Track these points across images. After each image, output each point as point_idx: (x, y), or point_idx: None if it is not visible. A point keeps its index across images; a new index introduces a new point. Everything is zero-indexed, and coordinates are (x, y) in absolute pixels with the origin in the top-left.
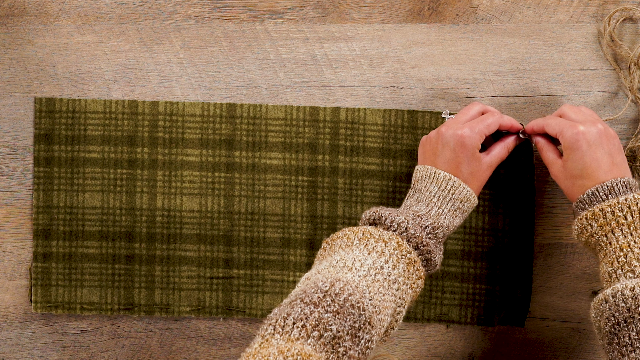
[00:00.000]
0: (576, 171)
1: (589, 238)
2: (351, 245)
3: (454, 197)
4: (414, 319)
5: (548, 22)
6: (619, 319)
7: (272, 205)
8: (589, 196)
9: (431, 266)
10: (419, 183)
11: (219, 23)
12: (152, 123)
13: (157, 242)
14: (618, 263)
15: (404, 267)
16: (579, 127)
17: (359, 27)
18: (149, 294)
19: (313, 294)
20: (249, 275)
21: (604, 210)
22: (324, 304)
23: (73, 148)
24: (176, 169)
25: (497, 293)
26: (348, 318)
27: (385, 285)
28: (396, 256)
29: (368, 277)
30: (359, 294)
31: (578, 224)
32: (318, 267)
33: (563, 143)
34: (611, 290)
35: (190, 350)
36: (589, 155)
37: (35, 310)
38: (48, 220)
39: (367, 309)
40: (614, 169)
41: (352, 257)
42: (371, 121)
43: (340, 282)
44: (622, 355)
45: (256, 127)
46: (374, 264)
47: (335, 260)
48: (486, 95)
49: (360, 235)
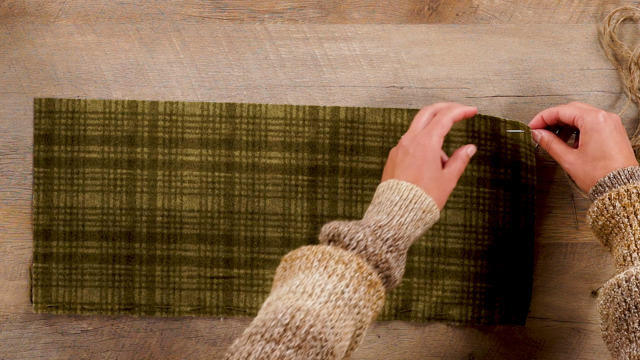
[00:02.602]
0: (599, 152)
1: (608, 220)
2: (310, 267)
3: (416, 207)
4: (414, 318)
5: (548, 22)
6: (630, 304)
7: (272, 205)
8: (610, 179)
9: (391, 283)
10: (380, 197)
11: (219, 23)
12: (152, 123)
13: (157, 242)
14: (635, 246)
15: (364, 289)
16: (600, 112)
17: (359, 27)
18: (150, 294)
19: (273, 329)
20: (249, 275)
21: (630, 191)
22: (284, 339)
23: (73, 148)
24: (176, 168)
25: (498, 292)
26: (310, 352)
27: (346, 310)
28: (357, 279)
29: (329, 304)
30: (321, 324)
31: (599, 204)
32: (278, 292)
33: (584, 126)
34: (625, 274)
35: (190, 350)
36: (612, 138)
37: (36, 310)
38: (48, 220)
39: (329, 339)
40: (631, 158)
41: (312, 282)
42: (371, 120)
43: (301, 312)
44: (630, 342)
45: (256, 126)
46: (334, 288)
47: (294, 285)
48: (486, 95)
49: (319, 257)
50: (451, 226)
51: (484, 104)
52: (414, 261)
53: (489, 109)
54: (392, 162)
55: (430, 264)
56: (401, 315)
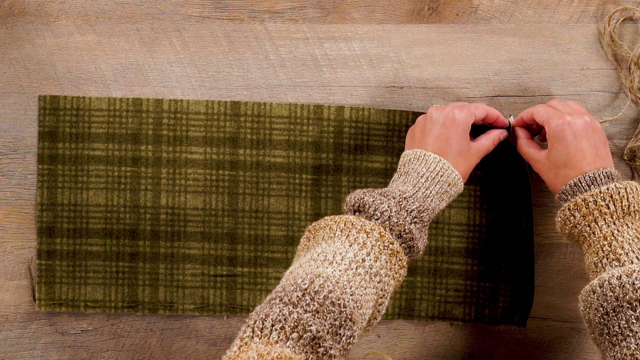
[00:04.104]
0: (560, 161)
1: (572, 229)
2: (333, 236)
3: (442, 180)
4: (417, 317)
5: (548, 22)
6: (608, 308)
7: (276, 203)
8: (571, 187)
9: (414, 253)
10: (407, 166)
11: (219, 23)
12: (157, 121)
13: (161, 240)
14: (603, 252)
15: (386, 258)
16: (565, 117)
17: (359, 27)
18: (153, 292)
19: (292, 293)
20: (252, 273)
21: (587, 200)
22: (302, 303)
23: (77, 146)
24: (180, 166)
25: (501, 291)
26: (328, 316)
27: (366, 278)
28: (378, 248)
29: (349, 271)
30: (340, 290)
31: (561, 215)
32: (300, 261)
33: (548, 132)
34: (598, 281)
35: (190, 350)
36: (574, 145)
37: (39, 307)
38: (52, 217)
39: (348, 305)
40: (598, 160)
41: (334, 250)
42: (375, 120)
43: (320, 278)
44: (613, 345)
45: (260, 125)
46: (355, 257)
47: (316, 254)
48: (486, 95)
49: (342, 226)
50: (455, 225)
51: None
52: (418, 260)
53: None
54: (420, 130)
55: (434, 263)
56: (404, 314)
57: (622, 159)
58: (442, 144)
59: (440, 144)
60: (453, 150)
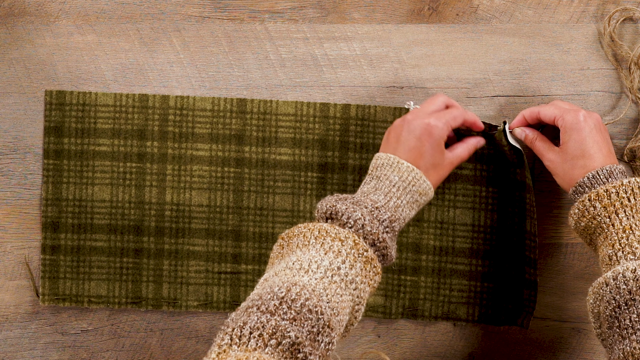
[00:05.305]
0: (578, 151)
1: (590, 221)
2: (308, 244)
3: (414, 190)
4: (421, 317)
5: (548, 22)
6: (620, 301)
7: (281, 201)
8: (589, 179)
9: (387, 260)
10: (379, 170)
11: (219, 23)
12: (163, 117)
13: (165, 236)
14: (620, 245)
15: (361, 265)
16: (580, 111)
17: (359, 27)
18: (157, 288)
19: (269, 301)
20: (257, 271)
21: (609, 191)
22: (280, 311)
23: (83, 141)
24: (186, 163)
25: (505, 292)
26: (306, 324)
27: (342, 286)
28: (353, 255)
29: (325, 279)
30: (316, 297)
31: (579, 206)
32: (275, 269)
33: (564, 125)
34: (612, 273)
35: (190, 350)
36: (591, 137)
37: (43, 302)
38: (57, 212)
39: (325, 312)
40: (610, 156)
41: (309, 258)
42: (381, 118)
43: (297, 286)
44: (623, 338)
45: (266, 122)
46: (330, 264)
47: (292, 262)
48: (486, 95)
49: (316, 234)
50: (459, 226)
51: (484, 104)
52: (422, 260)
53: (489, 109)
54: (396, 137)
55: (438, 263)
56: (408, 314)
57: (622, 159)
58: (416, 156)
59: (414, 156)
60: (426, 163)
